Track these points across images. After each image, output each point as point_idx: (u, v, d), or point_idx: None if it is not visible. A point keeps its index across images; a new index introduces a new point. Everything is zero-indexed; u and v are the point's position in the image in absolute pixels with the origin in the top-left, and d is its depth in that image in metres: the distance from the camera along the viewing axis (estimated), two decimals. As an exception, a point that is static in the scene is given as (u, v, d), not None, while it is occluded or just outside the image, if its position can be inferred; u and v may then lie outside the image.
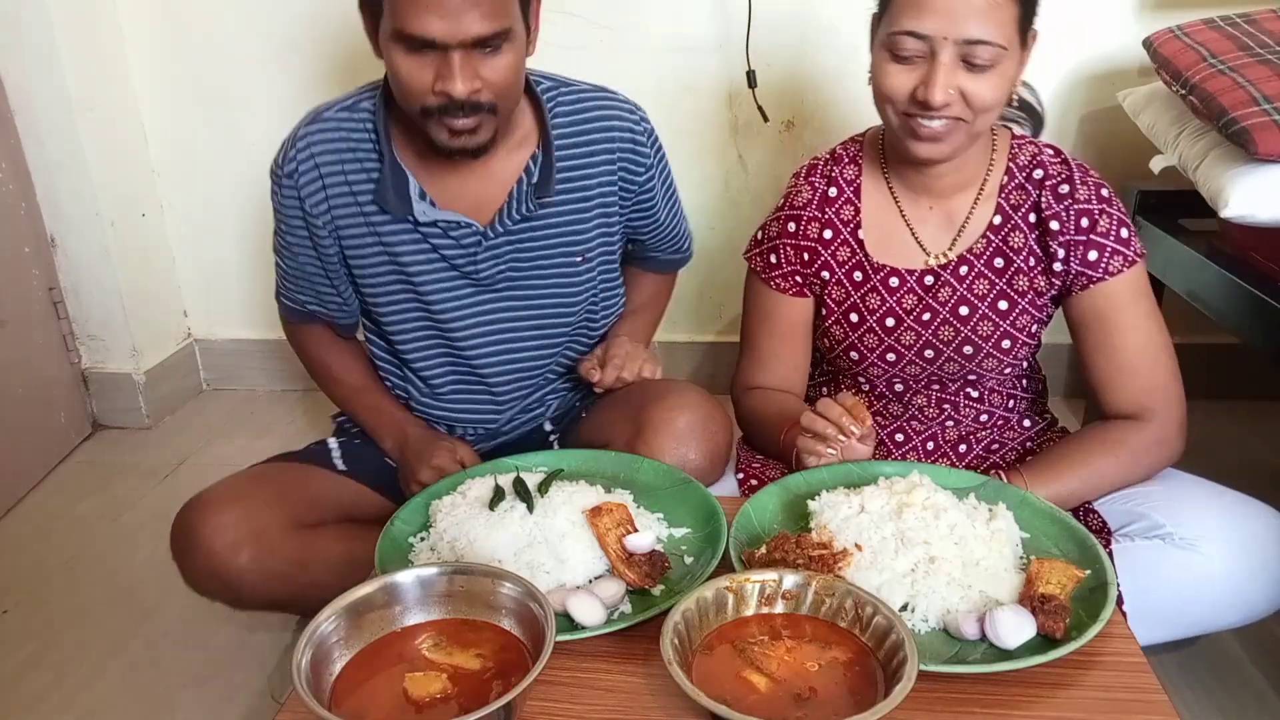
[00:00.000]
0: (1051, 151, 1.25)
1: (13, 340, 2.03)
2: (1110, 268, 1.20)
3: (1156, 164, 1.72)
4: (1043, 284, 1.24)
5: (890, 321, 1.28)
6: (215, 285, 2.39)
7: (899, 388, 1.33)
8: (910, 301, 1.27)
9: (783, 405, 1.31)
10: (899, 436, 1.35)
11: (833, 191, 1.29)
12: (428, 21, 1.09)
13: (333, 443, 1.41)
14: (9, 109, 2.02)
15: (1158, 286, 1.76)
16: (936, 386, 1.32)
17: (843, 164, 1.30)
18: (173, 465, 2.10)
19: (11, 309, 2.03)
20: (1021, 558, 1.00)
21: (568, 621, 0.91)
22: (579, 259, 1.35)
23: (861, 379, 1.34)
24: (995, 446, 1.34)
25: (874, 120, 1.25)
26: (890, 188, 1.28)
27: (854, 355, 1.31)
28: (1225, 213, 1.44)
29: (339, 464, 1.37)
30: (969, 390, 1.32)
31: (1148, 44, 1.70)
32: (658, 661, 0.78)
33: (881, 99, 1.17)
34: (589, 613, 0.91)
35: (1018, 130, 1.32)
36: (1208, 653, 1.42)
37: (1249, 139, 1.39)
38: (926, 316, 1.26)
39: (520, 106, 1.27)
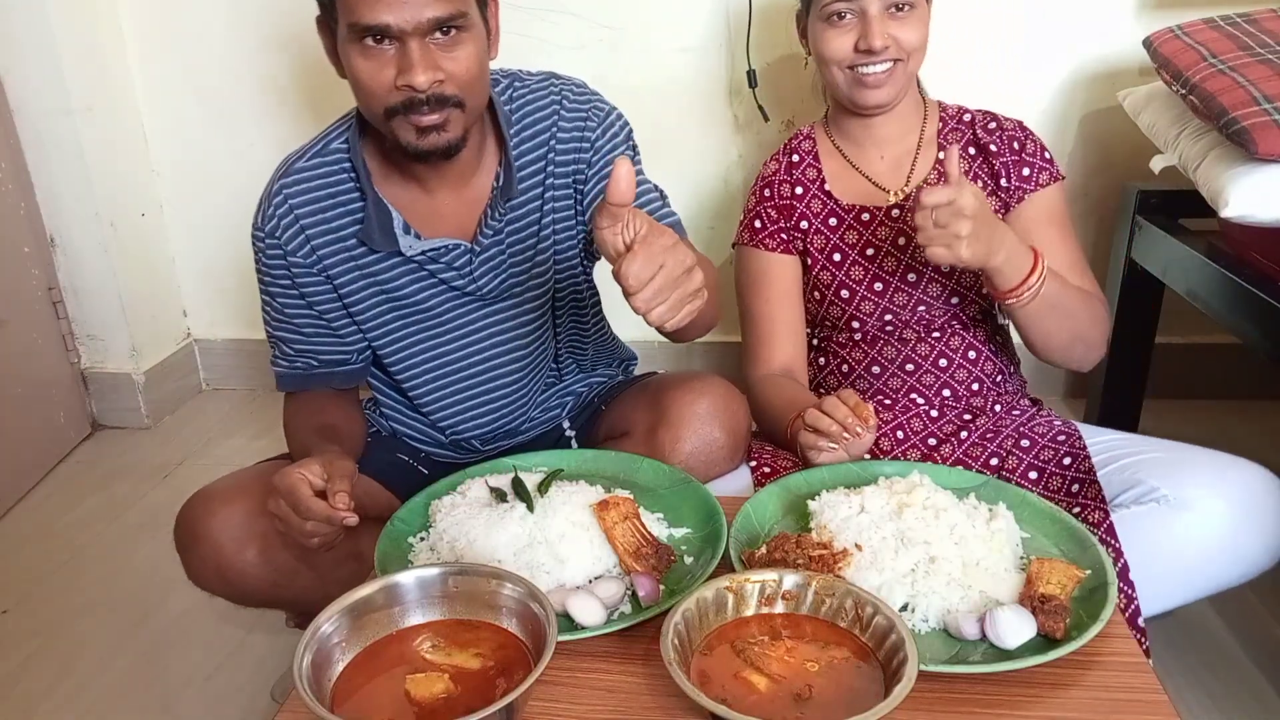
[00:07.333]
0: (970, 105, 1.45)
1: (12, 340, 2.03)
2: (1039, 180, 1.38)
3: (1156, 164, 1.72)
4: (994, 203, 1.38)
5: (870, 251, 1.41)
6: (215, 285, 2.39)
7: (888, 318, 1.40)
8: (884, 232, 1.40)
9: (793, 395, 1.34)
10: (899, 388, 1.41)
11: (795, 158, 1.47)
12: (379, 9, 1.06)
13: None
14: (9, 109, 2.02)
15: (1158, 286, 1.76)
16: (924, 312, 1.39)
17: (799, 139, 1.49)
18: (172, 465, 2.10)
19: (11, 309, 2.03)
20: (1021, 558, 1.00)
21: (568, 621, 0.91)
22: (574, 254, 1.32)
23: (855, 323, 1.42)
24: (980, 418, 1.38)
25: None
26: (842, 152, 1.45)
27: (844, 294, 1.42)
28: (1225, 213, 1.43)
29: None
30: (955, 324, 1.41)
31: (1148, 44, 1.70)
32: (658, 661, 0.78)
33: (828, 63, 1.35)
34: (589, 613, 0.91)
35: None
36: (1208, 653, 1.42)
37: (1249, 139, 1.39)
38: (902, 241, 1.38)
39: (484, 119, 1.24)
